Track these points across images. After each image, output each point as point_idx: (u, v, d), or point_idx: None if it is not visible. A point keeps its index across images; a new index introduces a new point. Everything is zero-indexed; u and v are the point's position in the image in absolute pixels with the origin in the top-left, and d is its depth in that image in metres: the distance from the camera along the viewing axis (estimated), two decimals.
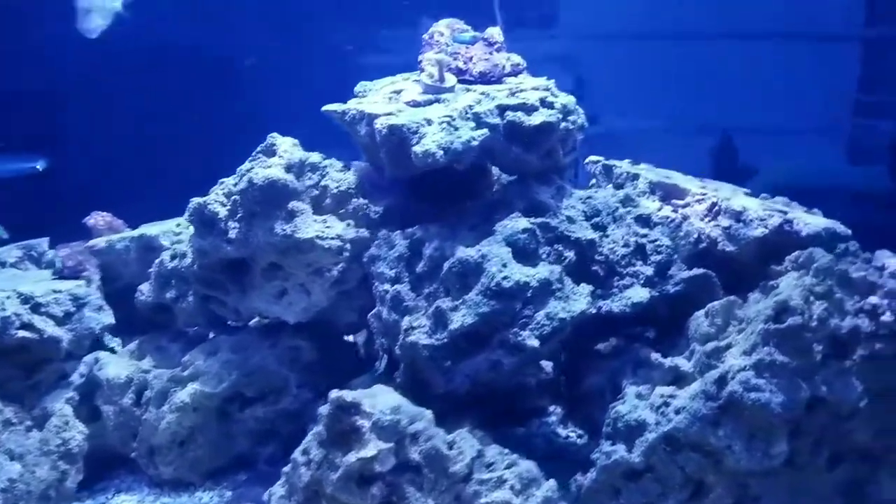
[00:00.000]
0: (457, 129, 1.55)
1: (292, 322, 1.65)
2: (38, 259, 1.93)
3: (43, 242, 1.99)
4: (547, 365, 1.82)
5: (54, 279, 1.73)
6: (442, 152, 1.48)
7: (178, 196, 1.68)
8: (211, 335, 1.82)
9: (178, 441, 1.63)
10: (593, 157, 2.12)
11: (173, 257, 1.69)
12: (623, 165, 2.04)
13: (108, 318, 1.69)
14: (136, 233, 1.85)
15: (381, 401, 1.26)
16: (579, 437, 1.81)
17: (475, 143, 1.54)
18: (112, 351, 1.75)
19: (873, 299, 1.38)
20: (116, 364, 1.70)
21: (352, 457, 1.21)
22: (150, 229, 1.87)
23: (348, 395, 1.24)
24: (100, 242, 1.82)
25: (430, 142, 1.48)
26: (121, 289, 1.88)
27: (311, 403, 1.60)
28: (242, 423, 1.68)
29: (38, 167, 2.56)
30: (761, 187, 2.86)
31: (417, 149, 1.48)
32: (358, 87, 1.94)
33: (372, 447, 1.21)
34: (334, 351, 1.78)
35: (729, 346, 1.40)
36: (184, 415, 1.60)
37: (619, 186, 1.98)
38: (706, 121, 3.05)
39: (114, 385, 1.66)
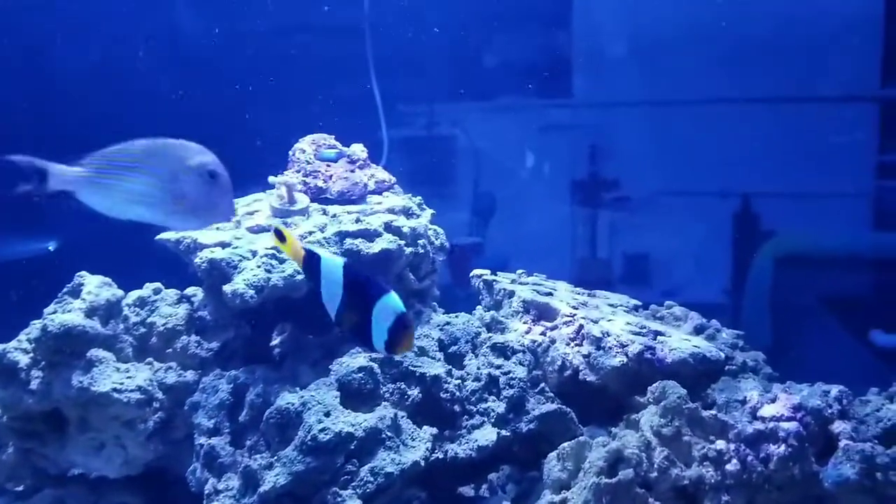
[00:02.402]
0: (282, 262, 1.46)
1: (113, 477, 1.50)
2: None
3: None
4: None
5: None
6: (253, 291, 1.38)
7: None
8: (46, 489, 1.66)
9: None
10: (477, 271, 2.03)
11: None
12: (503, 281, 1.95)
13: None
14: None
15: None
16: None
17: (300, 276, 1.44)
18: None
19: (720, 444, 1.25)
20: None
21: None
22: None
23: None
24: None
25: (241, 280, 1.38)
26: None
27: None
28: None
29: (49, 247, 2.49)
30: (771, 255, 2.81)
31: (227, 288, 1.38)
32: None
33: None
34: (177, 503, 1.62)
35: (565, 502, 1.25)
36: None
37: (498, 304, 1.89)
38: (728, 186, 2.99)
39: None
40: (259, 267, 1.42)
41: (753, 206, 3.08)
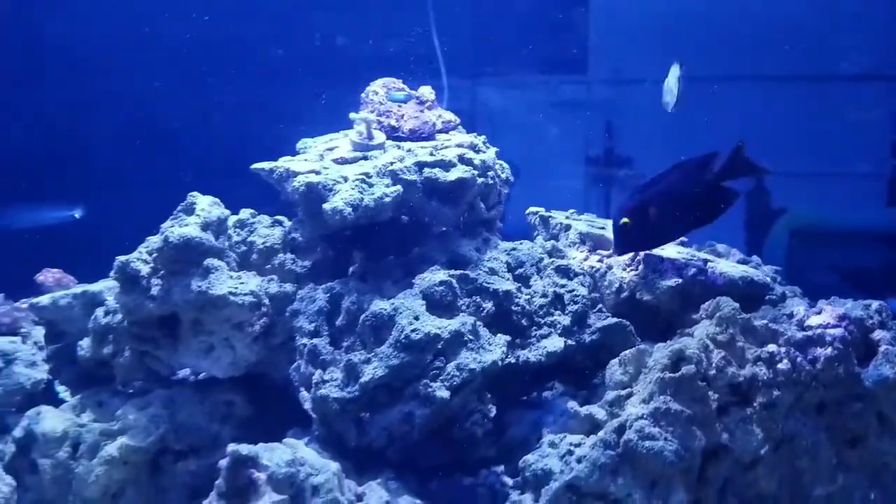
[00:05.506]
0: (371, 185, 1.61)
1: (221, 377, 1.69)
2: None
3: None
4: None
5: None
6: (350, 209, 1.54)
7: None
8: (157, 389, 1.86)
9: (111, 494, 1.65)
10: (532, 209, 2.18)
11: (107, 313, 1.74)
12: (559, 217, 2.10)
13: (41, 373, 1.73)
14: (79, 289, 1.91)
15: (278, 454, 1.29)
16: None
17: (388, 199, 1.60)
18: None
19: (771, 347, 1.40)
20: (54, 418, 1.73)
21: None
22: (95, 285, 1.92)
23: (244, 448, 1.27)
24: (43, 299, 1.87)
25: (339, 199, 1.54)
26: (69, 345, 1.92)
27: None
28: (176, 476, 1.70)
29: (75, 215, 2.68)
30: (787, 229, 2.88)
31: (327, 206, 1.54)
32: (299, 144, 2.03)
33: (266, 499, 1.23)
34: (272, 404, 1.81)
35: (630, 395, 1.42)
36: (113, 468, 1.63)
37: (553, 237, 2.04)
38: None
39: (49, 439, 1.69)
40: (353, 189, 1.58)
41: (767, 183, 3.14)
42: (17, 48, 2.79)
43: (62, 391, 2.02)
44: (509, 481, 1.74)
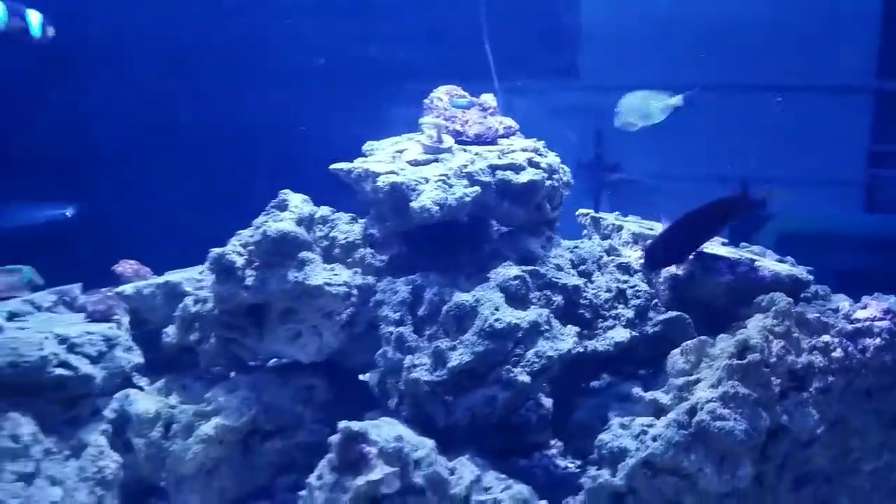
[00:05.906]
0: (451, 186, 1.74)
1: (306, 362, 1.81)
2: (71, 304, 2.10)
3: (75, 288, 2.16)
4: (548, 402, 1.96)
5: (87, 322, 1.89)
6: (437, 207, 1.67)
7: (200, 246, 1.87)
8: (232, 374, 1.97)
9: (205, 471, 1.77)
10: (583, 210, 2.32)
11: (196, 302, 1.86)
12: (609, 218, 2.24)
13: (137, 357, 1.84)
14: (161, 279, 2.02)
15: (385, 431, 1.41)
16: (578, 467, 1.92)
17: (468, 199, 1.73)
18: (140, 389, 1.90)
19: (825, 338, 1.54)
20: (145, 400, 1.85)
21: (360, 480, 1.36)
22: (174, 276, 2.04)
23: (355, 425, 1.40)
24: (127, 289, 1.99)
25: (427, 198, 1.67)
26: (148, 332, 2.03)
27: (325, 437, 1.72)
28: (264, 454, 1.82)
29: (66, 214, 2.76)
30: (775, 234, 3.01)
31: (415, 204, 1.67)
32: (365, 147, 2.15)
33: (378, 471, 1.36)
34: (348, 389, 1.94)
35: (698, 381, 1.55)
36: (210, 446, 1.74)
37: (605, 237, 2.17)
38: (725, 171, 3.21)
39: (143, 419, 1.81)
40: (437, 189, 1.71)
41: (750, 191, 3.28)
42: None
43: (133, 376, 2.13)
44: (562, 463, 1.88)
